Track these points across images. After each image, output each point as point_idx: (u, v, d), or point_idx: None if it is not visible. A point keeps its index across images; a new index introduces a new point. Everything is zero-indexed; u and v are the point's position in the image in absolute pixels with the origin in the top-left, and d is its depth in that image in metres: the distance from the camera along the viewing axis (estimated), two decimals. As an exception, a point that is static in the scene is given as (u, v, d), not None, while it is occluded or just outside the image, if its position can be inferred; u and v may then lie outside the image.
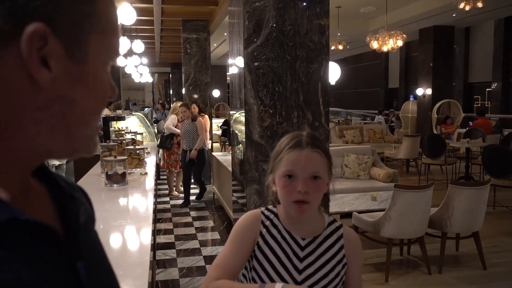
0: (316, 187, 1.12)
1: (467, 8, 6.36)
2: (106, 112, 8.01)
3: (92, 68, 0.48)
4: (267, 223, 1.21)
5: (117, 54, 0.52)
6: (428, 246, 4.04)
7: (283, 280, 1.13)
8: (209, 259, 4.28)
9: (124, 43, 6.52)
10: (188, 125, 6.13)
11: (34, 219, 0.44)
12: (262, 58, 3.19)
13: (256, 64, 3.19)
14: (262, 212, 1.23)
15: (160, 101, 15.85)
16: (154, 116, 12.82)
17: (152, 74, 20.61)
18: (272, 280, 1.13)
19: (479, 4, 6.21)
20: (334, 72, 5.75)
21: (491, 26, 13.84)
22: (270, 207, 1.25)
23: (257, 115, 3.22)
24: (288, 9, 3.18)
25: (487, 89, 14.48)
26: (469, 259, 4.08)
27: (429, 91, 11.61)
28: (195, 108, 6.71)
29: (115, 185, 3.20)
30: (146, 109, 16.19)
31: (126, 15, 4.83)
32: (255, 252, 1.18)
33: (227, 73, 22.69)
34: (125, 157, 3.41)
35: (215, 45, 14.39)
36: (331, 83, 3.75)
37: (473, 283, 3.57)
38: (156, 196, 5.48)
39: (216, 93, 17.96)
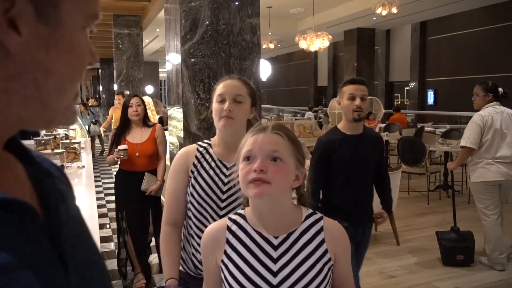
0: (277, 168, 0.99)
1: (384, 13, 7.00)
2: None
3: (67, 32, 0.44)
4: (234, 227, 1.09)
5: (95, 16, 0.48)
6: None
7: (257, 286, 1.02)
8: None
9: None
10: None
11: (9, 196, 0.40)
12: (198, 55, 3.39)
13: (192, 60, 3.38)
14: (229, 217, 1.12)
15: (85, 100, 14.37)
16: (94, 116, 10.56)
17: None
18: None
19: (394, 10, 6.87)
20: (265, 69, 6.07)
21: (408, 30, 14.98)
22: (239, 210, 1.15)
23: (194, 109, 3.41)
24: (222, 10, 3.40)
25: (406, 88, 15.65)
26: (386, 237, 4.59)
27: (353, 89, 12.42)
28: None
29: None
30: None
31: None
32: (225, 263, 1.07)
33: (159, 70, 22.40)
34: (62, 150, 3.45)
35: (147, 41, 14.23)
36: (262, 79, 4.04)
37: (388, 257, 4.06)
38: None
39: (149, 89, 17.70)
